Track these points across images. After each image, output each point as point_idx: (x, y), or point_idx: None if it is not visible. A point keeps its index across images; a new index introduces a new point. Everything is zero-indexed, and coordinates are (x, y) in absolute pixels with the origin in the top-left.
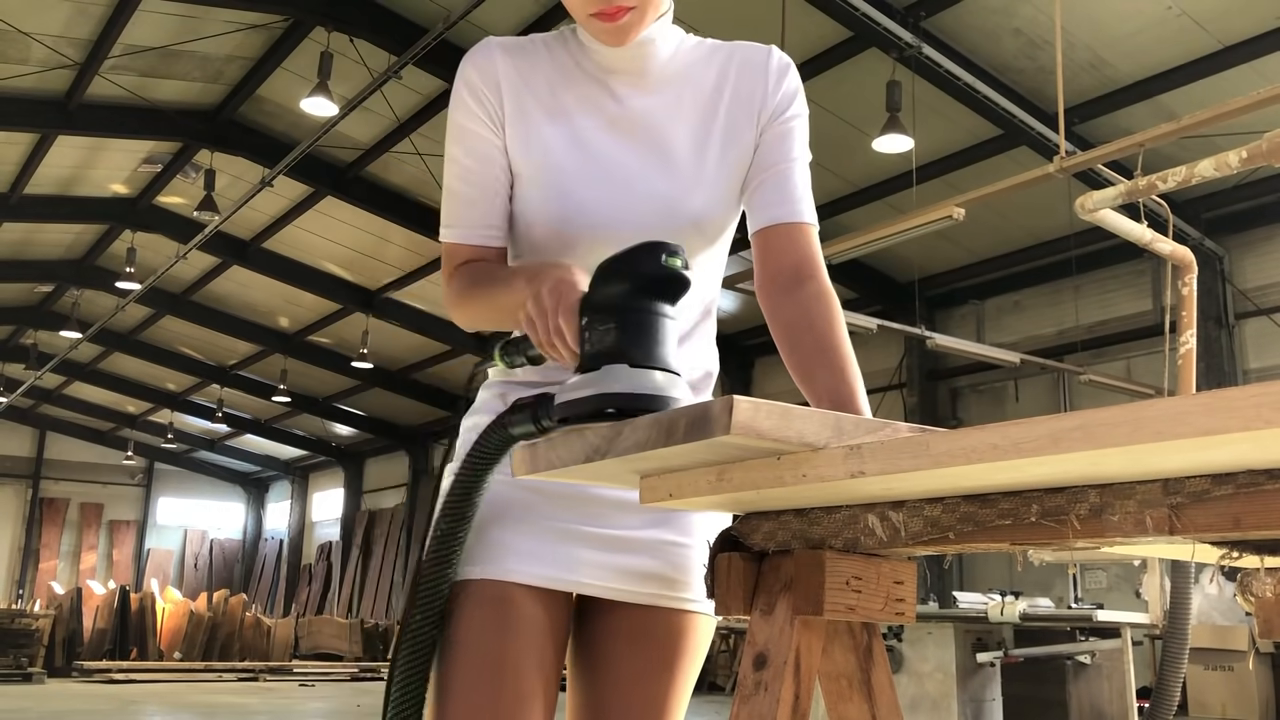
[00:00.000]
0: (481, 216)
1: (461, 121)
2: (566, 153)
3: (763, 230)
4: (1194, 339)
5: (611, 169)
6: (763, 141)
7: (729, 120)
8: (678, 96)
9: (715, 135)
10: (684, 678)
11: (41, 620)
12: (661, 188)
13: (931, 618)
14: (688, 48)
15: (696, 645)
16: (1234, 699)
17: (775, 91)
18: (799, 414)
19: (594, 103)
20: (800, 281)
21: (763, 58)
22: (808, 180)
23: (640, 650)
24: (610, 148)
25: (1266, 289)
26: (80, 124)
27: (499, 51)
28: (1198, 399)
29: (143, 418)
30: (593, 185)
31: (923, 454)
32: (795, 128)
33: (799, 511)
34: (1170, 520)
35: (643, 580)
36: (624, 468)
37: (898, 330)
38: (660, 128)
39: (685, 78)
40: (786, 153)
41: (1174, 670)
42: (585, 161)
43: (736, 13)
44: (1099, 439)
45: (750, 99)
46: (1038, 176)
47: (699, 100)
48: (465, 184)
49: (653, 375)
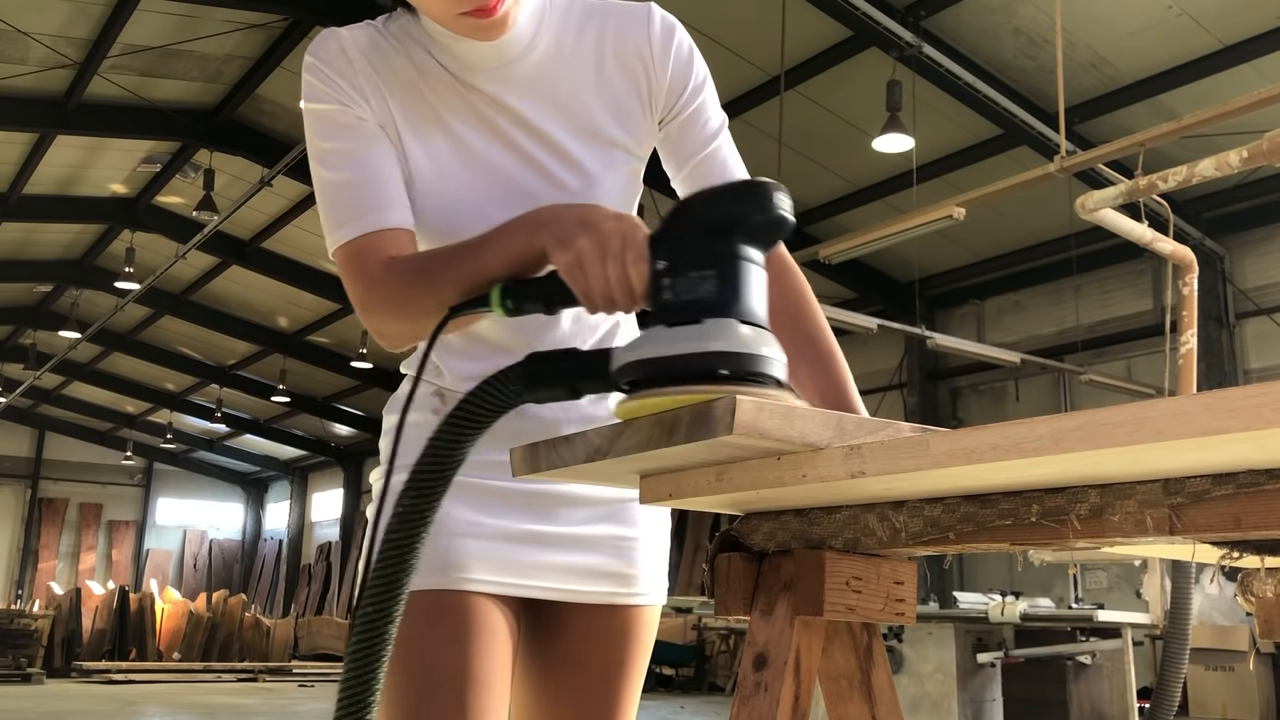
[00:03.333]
0: (391, 196)
1: (328, 112)
2: (453, 166)
3: None
4: (1194, 339)
5: (506, 180)
6: (675, 128)
7: (614, 101)
8: (552, 85)
9: (600, 119)
10: (638, 671)
11: (41, 620)
12: (562, 189)
13: (932, 618)
14: (554, 19)
15: (647, 636)
16: (1234, 699)
17: (664, 68)
18: (802, 414)
19: (471, 108)
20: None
21: (641, 25)
22: (733, 153)
23: (596, 650)
24: (498, 157)
25: (1267, 289)
26: (79, 124)
27: (353, 50)
28: (1198, 399)
29: (142, 418)
30: (491, 200)
31: (923, 454)
32: (703, 104)
33: (799, 511)
34: (1170, 520)
35: (596, 579)
36: (624, 468)
37: (898, 330)
38: (544, 124)
39: (556, 60)
40: (705, 136)
41: (1174, 670)
42: (476, 175)
43: (737, 13)
44: (1099, 439)
45: (636, 78)
46: (1038, 176)
47: (577, 86)
48: (355, 170)
49: (763, 334)
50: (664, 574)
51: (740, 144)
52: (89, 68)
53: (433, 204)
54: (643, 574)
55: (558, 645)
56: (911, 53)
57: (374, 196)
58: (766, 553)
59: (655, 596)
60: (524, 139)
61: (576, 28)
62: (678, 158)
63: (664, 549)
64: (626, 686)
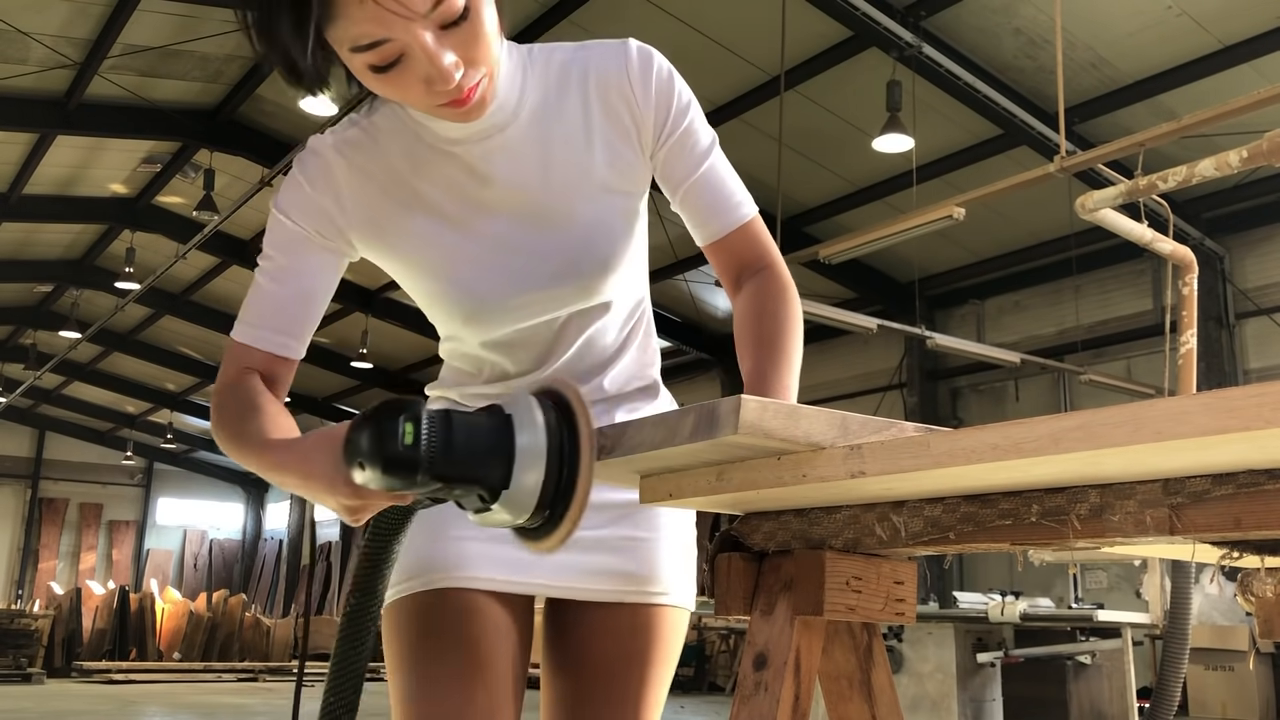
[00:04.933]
0: (284, 323)
1: (286, 218)
2: (444, 245)
3: (707, 246)
4: (1194, 339)
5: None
6: (664, 159)
7: (607, 149)
8: (542, 147)
9: (596, 171)
10: (657, 671)
11: (41, 620)
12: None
13: (932, 618)
14: (535, 79)
15: (669, 638)
16: (1234, 699)
17: (646, 102)
18: (806, 414)
19: (456, 186)
20: (743, 283)
21: (619, 66)
22: (726, 170)
23: (610, 646)
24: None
25: (1267, 289)
26: (79, 124)
27: (334, 154)
28: (1198, 399)
29: (142, 418)
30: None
31: (923, 454)
32: (689, 127)
33: (799, 511)
34: (1170, 520)
35: (605, 578)
36: (626, 468)
37: (898, 330)
38: (534, 191)
39: (544, 120)
40: (694, 159)
41: (1174, 670)
42: (477, 253)
43: (737, 13)
44: (1099, 439)
45: (623, 123)
46: (1038, 176)
47: (568, 142)
48: (275, 282)
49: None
50: (689, 578)
51: (740, 144)
52: (89, 68)
53: (445, 286)
54: (659, 575)
55: (576, 643)
56: (911, 53)
57: (277, 315)
58: (766, 553)
59: (677, 598)
60: (519, 206)
61: (558, 80)
62: (671, 183)
63: (686, 553)
64: (647, 686)
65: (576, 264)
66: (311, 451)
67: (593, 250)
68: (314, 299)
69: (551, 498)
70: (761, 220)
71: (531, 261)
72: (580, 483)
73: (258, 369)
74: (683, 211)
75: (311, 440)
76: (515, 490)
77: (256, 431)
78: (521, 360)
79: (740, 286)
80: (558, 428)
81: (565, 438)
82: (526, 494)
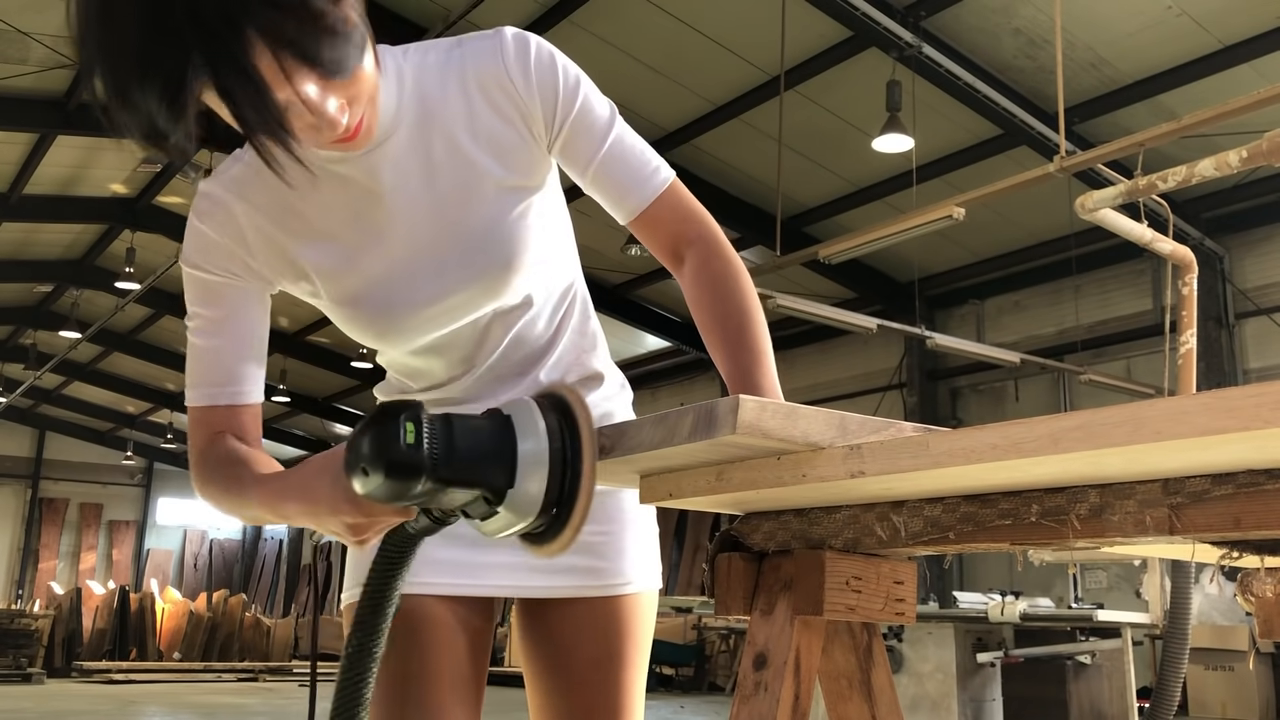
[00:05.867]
0: (229, 374)
1: (199, 277)
2: (346, 269)
3: (632, 224)
4: (1194, 339)
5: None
6: (562, 145)
7: (494, 146)
8: (426, 154)
9: (486, 171)
10: (637, 659)
11: (41, 620)
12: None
13: (932, 618)
14: (410, 85)
15: (639, 623)
16: (1234, 699)
17: (529, 91)
18: (805, 414)
19: (347, 207)
20: (681, 257)
21: (494, 59)
22: (631, 140)
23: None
24: (387, 244)
25: (1266, 289)
26: (79, 124)
27: (227, 195)
28: (1198, 399)
29: (142, 418)
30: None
31: (923, 454)
32: (583, 105)
33: (799, 511)
34: (1170, 520)
35: (560, 574)
36: (625, 467)
37: (898, 330)
38: (424, 199)
39: (426, 125)
40: (595, 138)
41: (1174, 670)
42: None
43: (737, 13)
44: (1099, 439)
45: (508, 115)
46: (1038, 176)
47: (453, 145)
48: (209, 337)
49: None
50: (651, 560)
51: (740, 144)
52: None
53: (354, 309)
54: (621, 565)
55: (550, 641)
56: (911, 53)
57: (221, 370)
58: (766, 553)
59: (641, 584)
60: (412, 217)
61: (437, 81)
62: (577, 168)
63: (648, 536)
64: (625, 675)
65: (480, 266)
66: (311, 477)
67: (495, 251)
68: (251, 339)
69: (556, 499)
70: (680, 183)
71: (435, 270)
72: (584, 483)
73: (224, 429)
74: (596, 194)
75: (310, 465)
76: (519, 492)
77: (247, 475)
78: (451, 363)
79: (681, 261)
80: (559, 429)
81: (567, 438)
82: (531, 495)
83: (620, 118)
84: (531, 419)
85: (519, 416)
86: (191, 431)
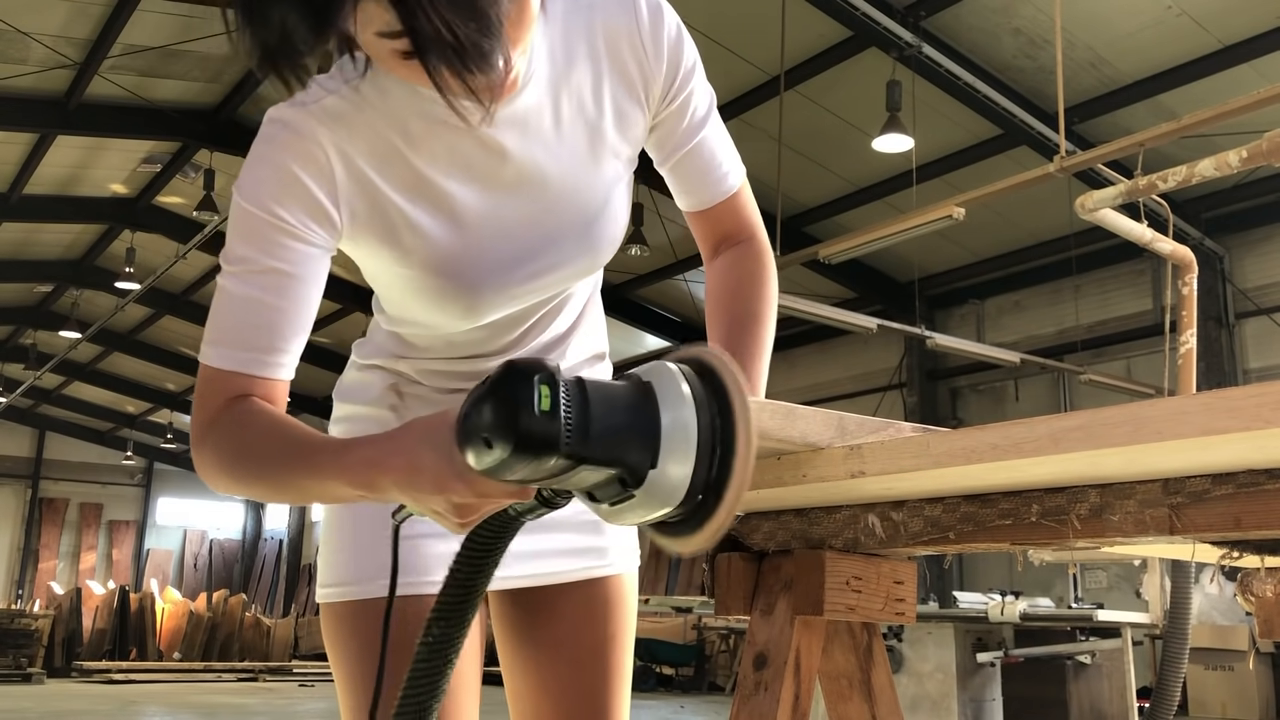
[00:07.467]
0: (274, 338)
1: (265, 217)
2: (450, 237)
3: (692, 214)
4: (1194, 339)
5: (506, 240)
6: (664, 121)
7: (615, 109)
8: (554, 112)
9: (606, 135)
10: (627, 641)
11: (41, 620)
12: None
13: (931, 618)
14: (543, 40)
15: (630, 603)
16: (1234, 699)
17: (658, 60)
18: (802, 414)
19: (467, 165)
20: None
21: (629, 19)
22: (718, 136)
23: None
24: (499, 211)
25: (1266, 289)
26: (79, 124)
27: (315, 128)
28: (1198, 399)
29: (142, 418)
30: (493, 267)
31: (923, 454)
32: (691, 92)
33: (799, 511)
34: (1170, 520)
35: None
36: None
37: (898, 330)
38: (545, 163)
39: (554, 81)
40: (692, 128)
41: (1174, 670)
42: (475, 242)
43: (737, 13)
44: (1099, 439)
45: (632, 80)
46: (1038, 176)
47: (579, 104)
48: (258, 289)
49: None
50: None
51: (740, 144)
52: (89, 68)
53: (443, 281)
54: (609, 545)
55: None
56: (911, 53)
57: (266, 333)
58: (766, 553)
59: (627, 564)
60: (531, 182)
61: (563, 34)
62: (664, 149)
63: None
64: (619, 658)
65: (593, 240)
66: (413, 444)
67: (608, 225)
68: (308, 306)
69: (704, 484)
70: (748, 187)
71: (540, 244)
72: (737, 465)
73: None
74: (670, 176)
75: (411, 431)
76: (661, 474)
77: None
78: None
79: (717, 253)
80: (707, 401)
81: (717, 412)
82: (675, 480)
83: (715, 110)
84: (676, 387)
85: (660, 384)
86: (203, 394)
